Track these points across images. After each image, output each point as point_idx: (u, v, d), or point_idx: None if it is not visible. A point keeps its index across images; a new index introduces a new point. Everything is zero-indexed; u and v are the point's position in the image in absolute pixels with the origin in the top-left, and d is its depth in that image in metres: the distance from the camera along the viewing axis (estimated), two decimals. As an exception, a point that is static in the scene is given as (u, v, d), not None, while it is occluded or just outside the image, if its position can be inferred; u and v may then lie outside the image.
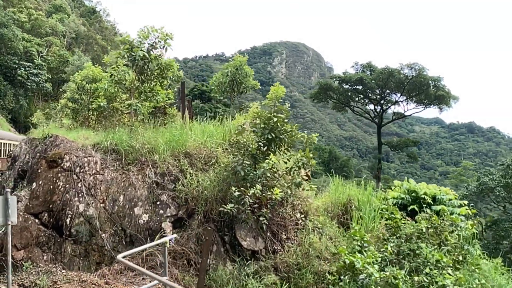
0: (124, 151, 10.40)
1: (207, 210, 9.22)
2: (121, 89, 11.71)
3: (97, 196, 9.74)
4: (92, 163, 10.26)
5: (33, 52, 74.94)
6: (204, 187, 9.36)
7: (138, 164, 10.23)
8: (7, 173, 19.34)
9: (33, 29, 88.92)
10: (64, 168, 10.21)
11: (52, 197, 9.94)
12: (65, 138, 12.56)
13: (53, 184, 10.08)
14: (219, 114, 11.88)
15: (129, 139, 10.56)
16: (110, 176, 10.04)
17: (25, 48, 72.26)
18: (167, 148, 10.25)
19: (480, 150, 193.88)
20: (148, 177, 9.86)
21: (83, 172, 10.09)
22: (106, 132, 11.35)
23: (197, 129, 10.85)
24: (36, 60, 73.66)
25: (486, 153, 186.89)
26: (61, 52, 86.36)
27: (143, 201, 9.58)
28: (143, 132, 10.50)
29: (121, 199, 9.66)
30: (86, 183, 9.92)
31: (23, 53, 71.52)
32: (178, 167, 9.84)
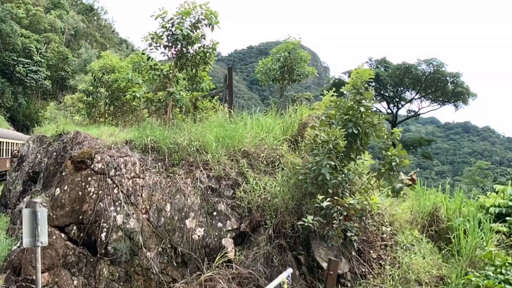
0: (167, 150, 8.56)
1: (278, 223, 7.41)
2: (157, 76, 9.83)
3: (138, 205, 7.91)
4: (130, 164, 8.42)
5: (32, 49, 72.81)
6: (272, 194, 7.55)
7: (186, 166, 8.41)
8: (13, 175, 17.45)
9: (31, 25, 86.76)
10: (95, 170, 8.37)
11: (82, 206, 8.10)
12: (87, 135, 10.74)
13: (82, 190, 8.24)
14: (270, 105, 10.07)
15: (173, 134, 8.72)
16: (152, 180, 8.21)
17: (24, 44, 70.10)
18: (219, 145, 8.43)
19: (475, 149, 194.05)
20: (200, 181, 8.04)
21: (119, 175, 8.26)
22: (142, 127, 9.49)
23: (253, 123, 9.02)
24: (35, 57, 71.52)
25: (481, 152, 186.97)
26: (60, 48, 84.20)
27: (195, 211, 7.76)
28: (190, 127, 8.65)
29: (167, 209, 7.84)
30: (123, 189, 8.09)
31: (21, 50, 69.37)
32: (236, 169, 8.03)
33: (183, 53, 9.83)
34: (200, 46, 9.90)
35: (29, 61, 69.62)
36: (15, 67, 65.08)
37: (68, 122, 18.15)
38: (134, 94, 9.71)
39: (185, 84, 10.51)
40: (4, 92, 63.84)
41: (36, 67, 70.02)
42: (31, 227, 5.65)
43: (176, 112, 10.15)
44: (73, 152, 10.14)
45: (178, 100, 9.36)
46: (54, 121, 19.42)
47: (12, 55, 66.12)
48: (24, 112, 70.59)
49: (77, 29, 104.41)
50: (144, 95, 10.28)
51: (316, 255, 7.35)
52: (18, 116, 70.15)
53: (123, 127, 13.79)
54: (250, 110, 9.94)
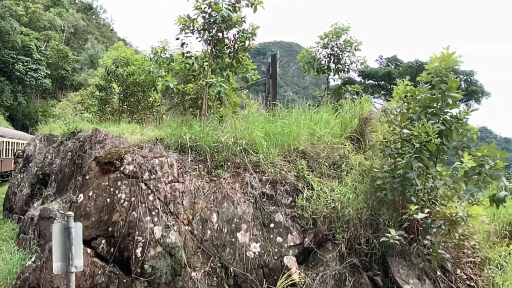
0: (209, 149, 7.31)
1: (350, 238, 6.17)
2: (189, 65, 8.57)
3: (179, 215, 6.65)
4: (167, 166, 7.17)
5: (32, 47, 71.36)
6: (342, 202, 6.30)
7: (231, 168, 7.16)
8: (19, 176, 16.12)
9: (30, 22, 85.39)
10: (126, 173, 7.11)
11: (111, 215, 6.84)
12: (108, 132, 9.48)
13: (111, 197, 6.98)
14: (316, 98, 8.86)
15: (215, 131, 7.47)
16: (193, 185, 6.96)
17: (23, 42, 68.66)
18: (270, 144, 7.19)
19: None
20: (251, 186, 6.80)
21: (154, 179, 7.00)
22: (175, 123, 8.24)
23: (306, 118, 7.78)
24: (34, 55, 70.07)
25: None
26: (60, 47, 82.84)
27: (248, 222, 6.51)
28: (235, 123, 7.40)
29: (214, 219, 6.59)
30: (160, 195, 6.83)
31: (21, 47, 67.94)
32: (294, 172, 6.78)
33: (219, 38, 8.56)
34: (239, 30, 8.64)
35: (29, 59, 68.17)
36: (14, 65, 63.65)
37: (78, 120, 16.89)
38: (167, 84, 8.39)
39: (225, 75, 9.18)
40: (3, 91, 62.38)
41: (35, 66, 68.60)
42: (62, 247, 4.39)
43: (215, 106, 8.88)
44: (93, 151, 8.89)
45: (219, 92, 8.07)
46: (62, 119, 18.14)
47: (12, 53, 64.67)
48: (23, 111, 69.15)
49: (77, 27, 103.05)
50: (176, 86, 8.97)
51: (396, 275, 6.11)
52: (18, 115, 68.72)
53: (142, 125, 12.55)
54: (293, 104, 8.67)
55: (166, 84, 8.31)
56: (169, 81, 8.40)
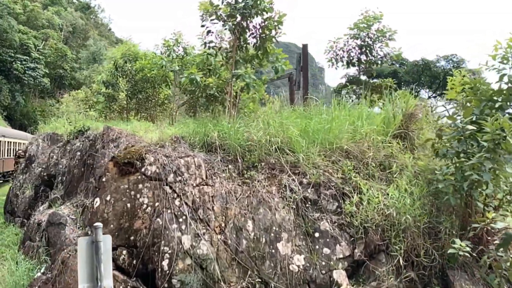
0: (240, 148, 6.55)
1: (407, 248, 5.42)
2: (212, 56, 7.81)
3: (210, 222, 5.89)
4: (194, 167, 6.40)
5: (30, 45, 70.41)
6: (397, 208, 5.56)
7: (266, 169, 6.40)
8: (21, 178, 15.31)
9: (28, 21, 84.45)
10: (148, 174, 6.35)
11: (133, 222, 6.07)
12: (122, 130, 8.71)
13: (132, 201, 6.21)
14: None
15: (245, 128, 6.72)
16: (224, 188, 6.20)
17: (21, 41, 67.68)
18: (308, 142, 6.44)
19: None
20: (290, 189, 6.05)
21: (180, 182, 6.23)
22: (199, 120, 7.48)
23: (346, 114, 7.04)
24: (33, 54, 69.10)
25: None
26: (58, 45, 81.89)
27: (289, 231, 5.75)
28: (268, 118, 6.65)
29: (249, 227, 5.83)
30: (188, 200, 6.07)
31: (19, 46, 66.98)
32: (339, 174, 6.03)
33: (243, 27, 7.80)
34: (266, 18, 7.89)
35: (27, 58, 67.21)
36: (12, 64, 62.67)
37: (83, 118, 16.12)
38: (192, 77, 7.59)
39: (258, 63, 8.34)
40: (1, 90, 61.42)
41: (34, 64, 67.64)
42: (89, 266, 3.64)
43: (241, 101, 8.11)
44: (107, 151, 8.13)
45: (247, 84, 7.31)
46: (65, 117, 17.34)
47: (9, 51, 63.69)
48: (21, 110, 68.17)
49: (76, 26, 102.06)
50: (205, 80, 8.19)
51: (458, 291, 5.36)
52: (16, 115, 67.77)
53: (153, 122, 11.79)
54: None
55: (191, 77, 7.51)
56: (194, 73, 7.60)
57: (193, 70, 7.65)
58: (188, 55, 11.86)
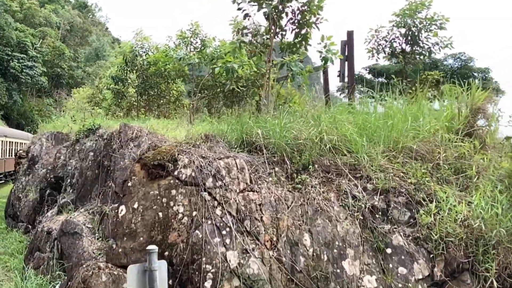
0: (288, 148, 5.65)
1: (499, 268, 4.54)
2: (245, 44, 6.91)
3: (260, 235, 4.99)
4: (235, 171, 5.50)
5: (27, 43, 69.26)
6: (484, 219, 4.67)
7: (319, 172, 5.50)
8: (23, 179, 14.33)
9: (25, 19, 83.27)
10: (182, 179, 5.44)
11: (167, 235, 5.17)
12: (142, 128, 7.81)
13: (164, 210, 5.31)
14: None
15: (292, 124, 5.83)
16: (273, 195, 5.29)
17: (18, 38, 66.48)
18: (368, 141, 5.55)
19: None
20: (352, 196, 5.15)
21: (221, 187, 5.33)
22: (235, 116, 6.58)
23: (405, 110, 6.15)
24: (30, 52, 67.92)
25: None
26: (56, 44, 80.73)
27: (355, 246, 4.86)
28: (319, 114, 5.75)
29: (307, 242, 4.93)
30: (232, 209, 5.16)
31: (16, 44, 65.80)
32: (412, 179, 5.14)
33: (280, 11, 6.91)
34: (305, 2, 7.00)
35: (24, 56, 66.06)
36: (9, 62, 61.50)
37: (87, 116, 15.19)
38: (228, 67, 6.63)
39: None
40: (-3, 89, 60.27)
41: (31, 63, 66.50)
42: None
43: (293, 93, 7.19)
44: (126, 151, 7.21)
45: (293, 75, 6.41)
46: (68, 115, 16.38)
47: (6, 49, 62.51)
48: (18, 110, 66.96)
49: (73, 24, 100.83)
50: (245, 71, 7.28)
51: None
52: (13, 114, 66.58)
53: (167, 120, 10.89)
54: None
55: (227, 66, 6.57)
56: (231, 62, 6.65)
57: (229, 58, 6.71)
58: (206, 47, 10.94)
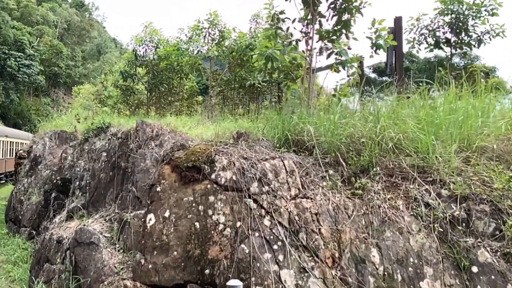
0: (343, 148, 4.88)
1: None
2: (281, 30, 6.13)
3: (319, 251, 4.21)
4: (284, 174, 4.73)
5: (24, 41, 68.29)
6: None
7: (381, 175, 4.73)
8: (25, 181, 13.48)
9: (22, 17, 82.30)
10: (221, 183, 4.67)
11: (206, 249, 4.39)
12: (162, 126, 7.03)
13: (202, 219, 4.53)
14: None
15: (347, 120, 5.06)
16: (330, 203, 4.51)
17: (15, 36, 65.50)
18: (436, 139, 4.78)
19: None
20: (425, 204, 4.38)
21: (269, 194, 4.56)
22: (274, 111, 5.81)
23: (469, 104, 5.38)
24: (27, 50, 66.95)
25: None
26: (54, 42, 79.79)
27: (433, 263, 4.09)
28: (377, 109, 4.98)
29: (375, 258, 4.16)
30: (283, 219, 4.39)
31: (13, 42, 64.84)
32: (497, 184, 4.38)
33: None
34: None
35: (21, 55, 65.10)
36: (6, 61, 60.55)
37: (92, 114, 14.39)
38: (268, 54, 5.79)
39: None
40: (-6, 87, 59.31)
41: (28, 61, 65.58)
42: None
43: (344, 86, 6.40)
44: (147, 151, 6.43)
45: (344, 62, 5.64)
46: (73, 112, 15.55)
47: (3, 48, 61.57)
48: (15, 109, 65.96)
49: (71, 22, 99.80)
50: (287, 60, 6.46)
51: None
52: (9, 113, 65.59)
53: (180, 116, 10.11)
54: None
55: (268, 53, 5.75)
56: (271, 48, 5.83)
57: (268, 44, 5.90)
58: (225, 39, 10.15)
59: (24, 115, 67.96)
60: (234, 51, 9.66)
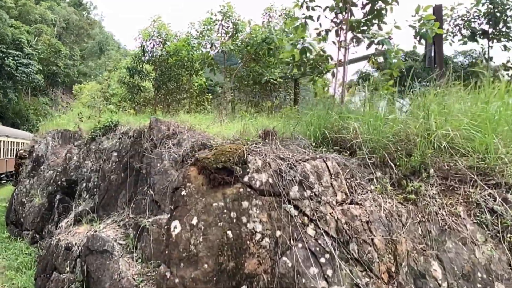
0: (392, 147, 4.37)
1: None
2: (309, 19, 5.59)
3: (373, 264, 3.70)
4: (327, 176, 4.20)
5: (22, 40, 67.63)
6: None
7: (435, 177, 4.22)
8: (27, 182, 12.92)
9: (20, 15, 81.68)
10: (256, 187, 4.16)
11: (242, 262, 3.87)
12: (179, 124, 6.50)
13: (236, 228, 4.01)
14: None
15: (394, 116, 4.54)
16: (382, 209, 3.99)
17: (13, 35, 64.82)
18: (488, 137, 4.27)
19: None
20: (490, 211, 3.87)
21: (311, 199, 4.04)
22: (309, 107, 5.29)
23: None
24: (25, 49, 66.30)
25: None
26: (52, 41, 79.15)
27: (504, 278, 3.59)
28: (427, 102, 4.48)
29: (436, 273, 3.65)
30: (330, 228, 3.87)
31: (11, 41, 64.18)
32: None
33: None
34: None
35: (20, 54, 64.45)
36: (4, 60, 59.93)
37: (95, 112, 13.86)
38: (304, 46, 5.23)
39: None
40: (-8, 87, 58.69)
41: (27, 60, 64.93)
42: None
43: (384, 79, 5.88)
44: (165, 150, 5.91)
45: (386, 52, 5.11)
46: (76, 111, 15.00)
47: (1, 46, 60.93)
48: (13, 108, 65.29)
49: (69, 21, 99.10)
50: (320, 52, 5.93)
51: None
52: (8, 113, 64.94)
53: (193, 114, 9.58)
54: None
55: (305, 44, 5.20)
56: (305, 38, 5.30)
57: (302, 34, 5.34)
58: (239, 32, 9.61)
59: (22, 114, 67.39)
60: (249, 45, 9.12)
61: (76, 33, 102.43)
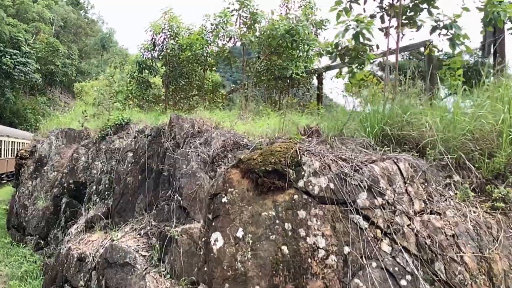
0: (472, 146, 3.71)
1: None
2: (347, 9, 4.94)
3: (465, 286, 3.01)
4: (400, 180, 3.54)
5: (20, 39, 66.87)
6: None
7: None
8: (29, 184, 12.21)
9: (18, 14, 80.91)
10: (314, 193, 3.51)
11: (303, 284, 3.24)
12: (203, 121, 5.83)
13: (292, 242, 3.36)
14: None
15: (475, 110, 3.90)
16: (469, 220, 3.33)
17: (11, 34, 64.05)
18: None
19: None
20: None
21: (384, 208, 3.36)
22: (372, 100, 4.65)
23: None
24: (23, 48, 65.55)
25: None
26: (50, 40, 78.42)
27: None
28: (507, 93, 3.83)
29: (543, 298, 2.97)
30: (409, 243, 3.22)
31: (8, 39, 63.41)
32: None
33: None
34: None
35: (17, 52, 63.72)
36: (1, 58, 59.18)
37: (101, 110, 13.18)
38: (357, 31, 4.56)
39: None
40: (-11, 86, 57.92)
41: (24, 59, 64.20)
42: None
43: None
44: (191, 151, 5.24)
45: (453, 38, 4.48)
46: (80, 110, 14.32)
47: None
48: (11, 108, 64.48)
49: (67, 20, 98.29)
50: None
51: None
52: (5, 112, 64.17)
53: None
54: None
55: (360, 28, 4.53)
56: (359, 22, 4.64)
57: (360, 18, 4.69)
58: (256, 22, 8.94)
59: (20, 114, 66.66)
60: (271, 37, 8.47)
61: (74, 32, 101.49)
